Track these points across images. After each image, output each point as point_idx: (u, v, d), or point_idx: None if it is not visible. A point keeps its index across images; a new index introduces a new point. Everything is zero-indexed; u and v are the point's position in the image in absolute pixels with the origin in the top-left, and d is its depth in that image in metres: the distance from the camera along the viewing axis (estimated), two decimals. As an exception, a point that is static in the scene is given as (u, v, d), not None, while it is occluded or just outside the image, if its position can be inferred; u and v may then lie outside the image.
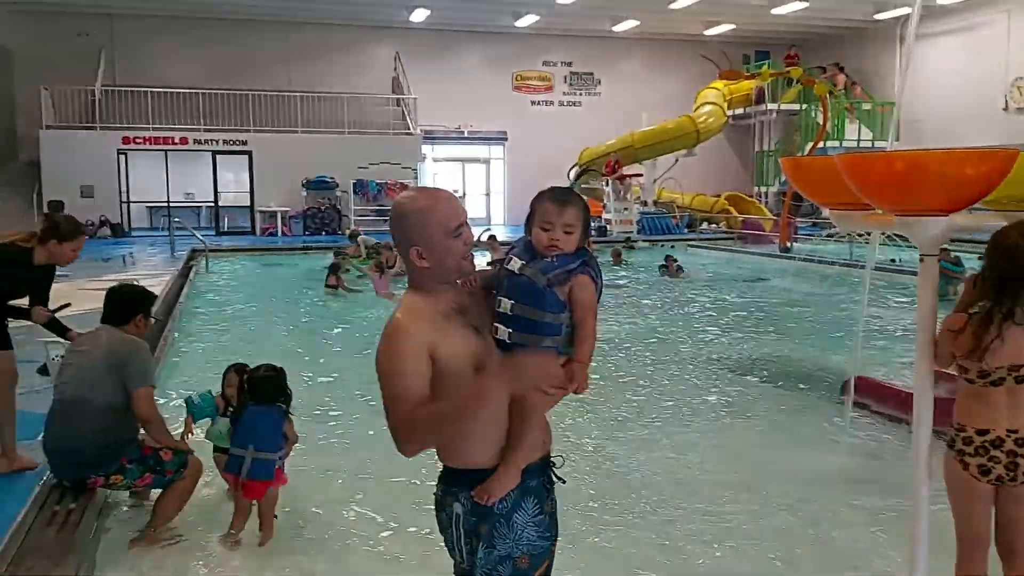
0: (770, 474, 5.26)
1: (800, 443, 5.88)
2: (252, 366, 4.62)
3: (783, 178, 25.53)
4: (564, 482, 2.42)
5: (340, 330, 10.45)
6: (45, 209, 22.21)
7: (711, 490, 4.99)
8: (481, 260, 2.45)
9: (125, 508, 4.61)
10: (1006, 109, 23.19)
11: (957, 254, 11.18)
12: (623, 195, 23.48)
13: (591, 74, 29.93)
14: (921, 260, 3.06)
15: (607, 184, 23.24)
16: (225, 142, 24.15)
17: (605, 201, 23.21)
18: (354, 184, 24.36)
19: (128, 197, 24.15)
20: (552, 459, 2.41)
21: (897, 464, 5.16)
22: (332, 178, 24.29)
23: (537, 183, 2.35)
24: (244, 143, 24.18)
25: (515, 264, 2.26)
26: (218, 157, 24.46)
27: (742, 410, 6.80)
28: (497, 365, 2.15)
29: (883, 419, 6.23)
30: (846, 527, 4.47)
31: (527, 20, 26.16)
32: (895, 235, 5.68)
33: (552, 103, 29.65)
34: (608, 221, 22.78)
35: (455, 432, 2.18)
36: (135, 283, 4.83)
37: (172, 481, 4.26)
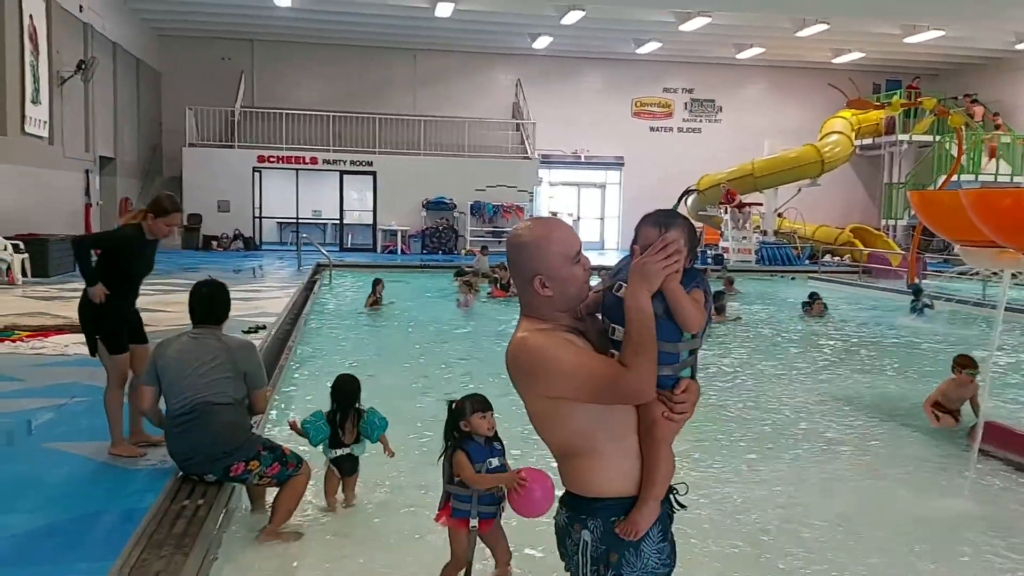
0: (880, 516, 5.07)
1: (917, 487, 5.63)
2: (365, 378, 4.86)
3: (912, 211, 24.48)
4: (685, 508, 2.43)
5: (459, 337, 10.67)
6: (185, 222, 23.66)
7: (812, 526, 4.85)
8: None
9: (244, 509, 4.86)
10: None
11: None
12: (742, 224, 23.05)
13: (712, 100, 29.58)
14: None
15: (725, 212, 22.87)
16: (352, 163, 25.07)
17: (723, 229, 22.83)
18: (471, 205, 24.84)
19: (260, 212, 25.37)
20: (675, 487, 2.40)
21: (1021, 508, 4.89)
22: (451, 199, 24.85)
23: (653, 206, 2.37)
24: (370, 164, 25.04)
25: (624, 291, 2.25)
26: (345, 177, 25.42)
27: (855, 450, 6.56)
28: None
29: (1012, 467, 5.90)
30: (954, 569, 4.27)
31: (649, 47, 26.14)
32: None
33: (671, 129, 29.45)
34: (726, 249, 22.40)
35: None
36: (209, 278, 4.97)
37: (291, 476, 4.52)
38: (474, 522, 3.75)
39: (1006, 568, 4.33)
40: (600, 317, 2.34)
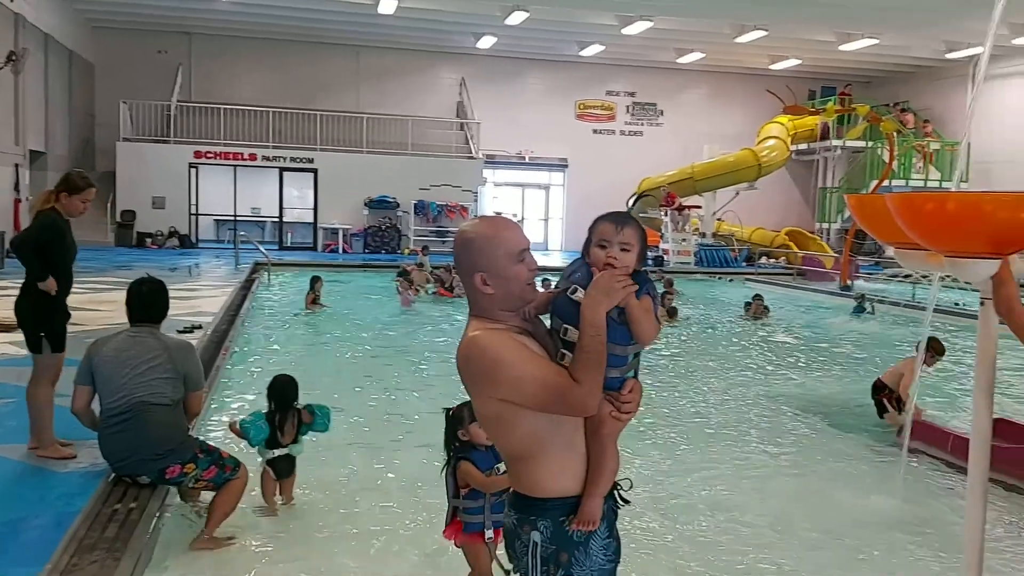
0: (815, 512, 5.20)
1: (850, 484, 5.79)
2: (302, 378, 4.80)
3: (846, 215, 25.15)
4: (629, 503, 2.46)
5: (394, 342, 10.61)
6: (119, 218, 23.06)
7: (751, 523, 4.95)
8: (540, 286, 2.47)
9: (178, 509, 4.75)
10: (1083, 153, 22.53)
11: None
12: (681, 226, 23.39)
13: (654, 104, 29.94)
14: (981, 303, 3.03)
15: (665, 214, 23.19)
16: (292, 159, 24.72)
17: (663, 231, 23.15)
18: (415, 205, 24.72)
19: (197, 210, 24.85)
20: (619, 483, 2.44)
21: (949, 510, 5.06)
22: (394, 198, 24.68)
23: (596, 210, 2.38)
24: (311, 161, 24.73)
25: (580, 295, 2.26)
26: (284, 174, 25.06)
27: (793, 448, 6.72)
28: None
29: (940, 464, 6.10)
30: (884, 569, 4.38)
31: (592, 50, 26.35)
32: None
33: (614, 132, 29.72)
34: (665, 251, 22.70)
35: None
36: (148, 275, 4.86)
37: (228, 479, 4.44)
38: (489, 533, 3.59)
39: (936, 566, 4.46)
40: (550, 317, 2.35)
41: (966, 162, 22.67)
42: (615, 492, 2.41)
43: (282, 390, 4.96)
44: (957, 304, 13.49)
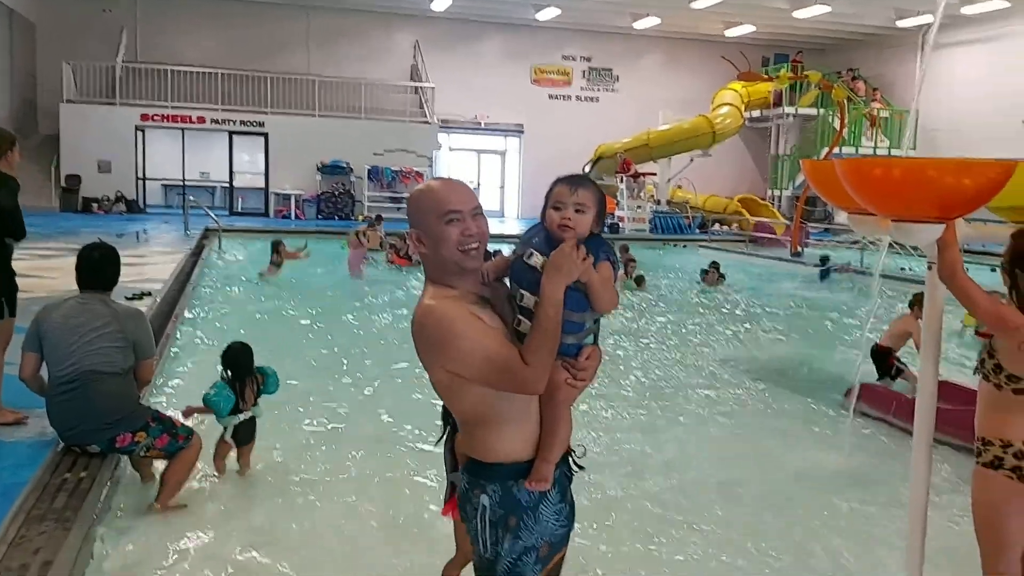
0: (763, 473, 5.32)
1: (799, 446, 5.92)
2: (254, 344, 4.79)
3: (797, 182, 25.48)
4: (583, 469, 2.46)
5: (345, 309, 10.54)
6: (63, 183, 22.43)
7: (703, 483, 5.05)
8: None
9: (130, 479, 4.70)
10: (1025, 123, 23.04)
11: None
12: (636, 193, 23.49)
13: (610, 70, 29.88)
14: (928, 268, 3.09)
15: (621, 181, 23.25)
16: (242, 123, 24.23)
17: (618, 198, 23.23)
18: (369, 170, 24.44)
19: (144, 174, 24.27)
20: (572, 449, 2.43)
21: (894, 470, 5.20)
22: (347, 163, 24.37)
23: (552, 176, 2.35)
24: (261, 125, 24.26)
25: (537, 260, 2.22)
26: (234, 138, 24.57)
27: (745, 410, 6.85)
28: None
29: (886, 426, 6.27)
30: (830, 528, 4.51)
31: (548, 13, 26.14)
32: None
33: (570, 97, 29.62)
34: (621, 218, 22.80)
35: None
36: (99, 241, 4.73)
37: (181, 448, 4.40)
38: None
39: (881, 526, 4.59)
40: (508, 282, 2.32)
41: (914, 130, 23.07)
42: (569, 458, 2.40)
43: (236, 357, 4.95)
44: (903, 269, 13.78)
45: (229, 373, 4.91)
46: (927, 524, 3.24)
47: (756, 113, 27.52)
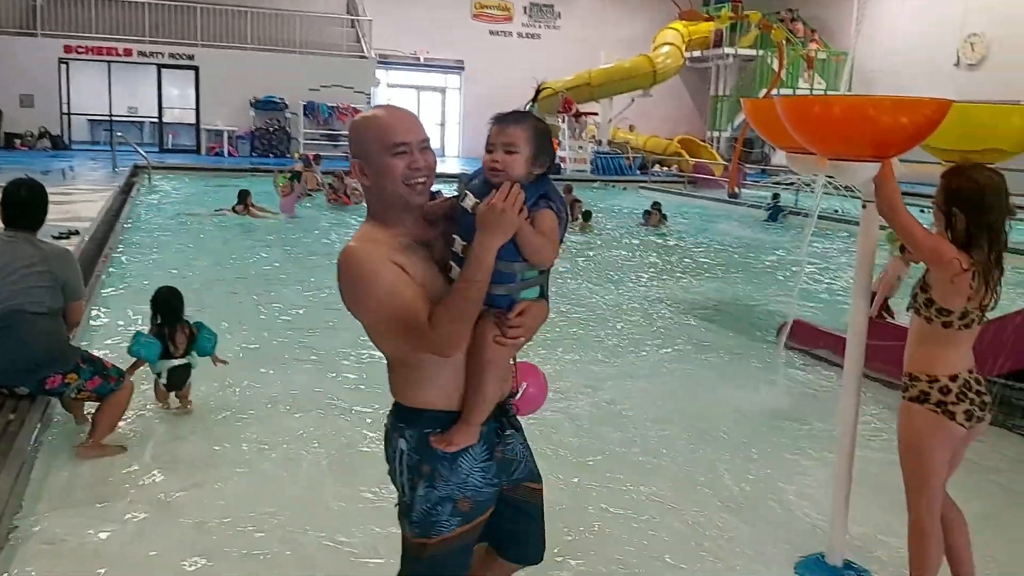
0: (701, 408, 5.44)
1: (734, 381, 6.06)
2: (186, 284, 4.65)
3: (735, 123, 25.68)
4: (517, 430, 2.36)
5: (272, 250, 10.36)
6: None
7: (643, 421, 5.14)
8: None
9: (61, 420, 4.60)
10: (958, 64, 23.53)
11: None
12: (578, 133, 23.41)
13: (551, 6, 29.47)
14: (863, 206, 3.15)
15: (563, 121, 23.12)
16: (171, 55, 23.34)
17: (560, 139, 23.13)
18: (304, 106, 23.84)
19: (69, 109, 23.33)
20: (508, 405, 2.31)
21: (824, 404, 5.37)
22: (282, 99, 23.73)
23: (493, 113, 2.26)
24: (191, 58, 23.40)
25: (468, 202, 2.07)
26: (164, 71, 23.68)
27: (683, 349, 6.96)
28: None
29: (818, 361, 6.45)
30: (761, 463, 4.64)
31: (489, -54, 25.55)
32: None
33: (511, 34, 29.18)
34: (563, 159, 22.73)
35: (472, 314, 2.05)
36: (26, 177, 4.53)
37: (113, 390, 4.32)
38: None
39: (811, 457, 4.75)
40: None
41: (850, 71, 23.37)
42: (503, 418, 2.29)
43: (166, 302, 4.88)
44: (837, 211, 14.07)
45: (159, 318, 4.84)
46: (855, 458, 3.36)
47: (696, 53, 27.50)
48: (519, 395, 3.03)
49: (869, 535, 3.70)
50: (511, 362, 2.33)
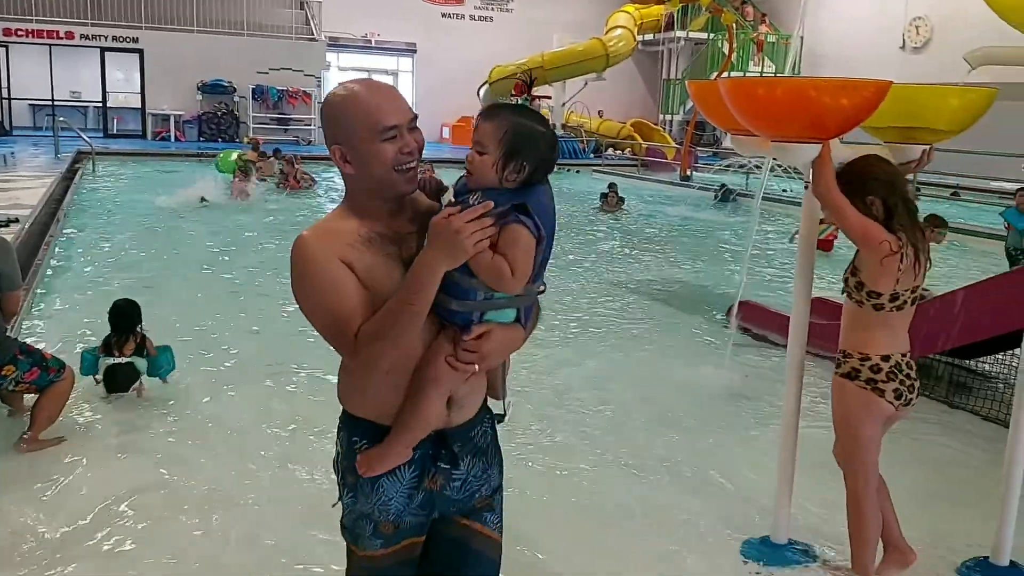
0: (653, 389, 5.49)
1: (686, 362, 6.12)
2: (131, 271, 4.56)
3: (687, 107, 25.85)
4: (457, 468, 2.04)
5: (219, 237, 10.20)
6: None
7: (595, 403, 5.17)
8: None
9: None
10: (903, 48, 23.93)
11: None
12: (531, 116, 23.33)
13: (504, -11, 29.31)
14: (805, 187, 3.18)
15: (516, 104, 23.03)
16: (115, 38, 22.76)
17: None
18: (253, 90, 23.44)
19: (9, 94, 22.67)
20: (450, 433, 2.01)
21: (770, 381, 5.44)
22: (230, 82, 23.29)
23: (446, 98, 2.21)
24: (135, 40, 22.85)
25: (445, 199, 1.92)
26: (107, 54, 23.09)
27: (637, 331, 7.01)
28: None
29: (767, 342, 6.53)
30: (709, 442, 4.70)
31: (439, -72, 25.30)
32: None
33: (463, 16, 28.96)
34: (516, 142, 22.66)
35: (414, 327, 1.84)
36: None
37: (52, 382, 4.22)
38: None
39: (756, 436, 4.82)
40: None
41: (799, 54, 23.64)
42: (445, 449, 2.01)
43: (118, 311, 4.91)
44: (784, 191, 14.25)
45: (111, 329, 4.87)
46: (802, 437, 3.41)
47: (648, 37, 27.58)
48: None
49: (816, 513, 3.75)
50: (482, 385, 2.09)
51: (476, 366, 1.91)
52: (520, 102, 2.01)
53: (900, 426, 3.36)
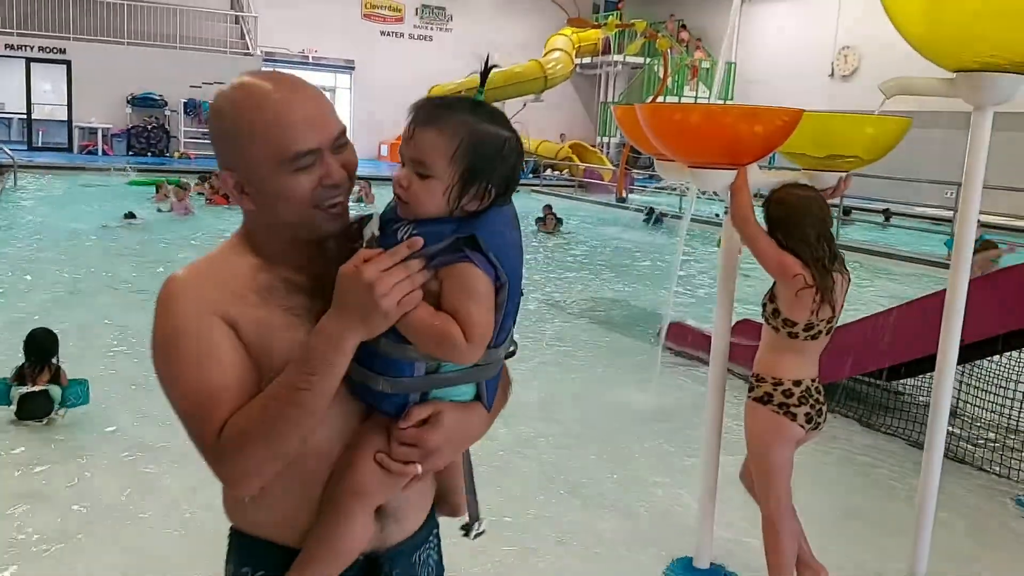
0: (581, 409, 5.48)
1: (615, 382, 6.13)
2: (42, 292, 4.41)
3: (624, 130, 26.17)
4: None
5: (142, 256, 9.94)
6: None
7: (523, 423, 5.12)
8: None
9: None
10: (832, 76, 24.64)
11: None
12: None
13: (443, 8, 29.37)
14: (725, 212, 3.20)
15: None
16: (41, 49, 22.11)
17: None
18: (185, 103, 23.00)
19: (-74, 102, 21.85)
20: (388, 554, 1.46)
21: (695, 401, 5.47)
22: (161, 96, 22.82)
23: (384, 115, 1.99)
24: (63, 51, 22.23)
25: (367, 231, 1.34)
26: (33, 65, 22.41)
27: (567, 350, 7.00)
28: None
29: (696, 362, 6.58)
30: (635, 460, 4.70)
31: (379, -54, 25.27)
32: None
33: (402, 35, 28.93)
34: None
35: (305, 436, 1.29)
36: None
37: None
38: None
39: (685, 453, 4.82)
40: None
41: (724, 80, 24.17)
42: (377, 567, 1.46)
43: (32, 340, 4.82)
44: (717, 215, 14.49)
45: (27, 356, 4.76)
46: (727, 459, 3.41)
47: (586, 60, 27.91)
48: None
49: (737, 537, 3.76)
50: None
51: (419, 466, 1.35)
52: (479, 95, 1.38)
53: (816, 447, 3.40)
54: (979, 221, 3.64)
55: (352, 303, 1.24)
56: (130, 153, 22.34)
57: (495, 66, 1.44)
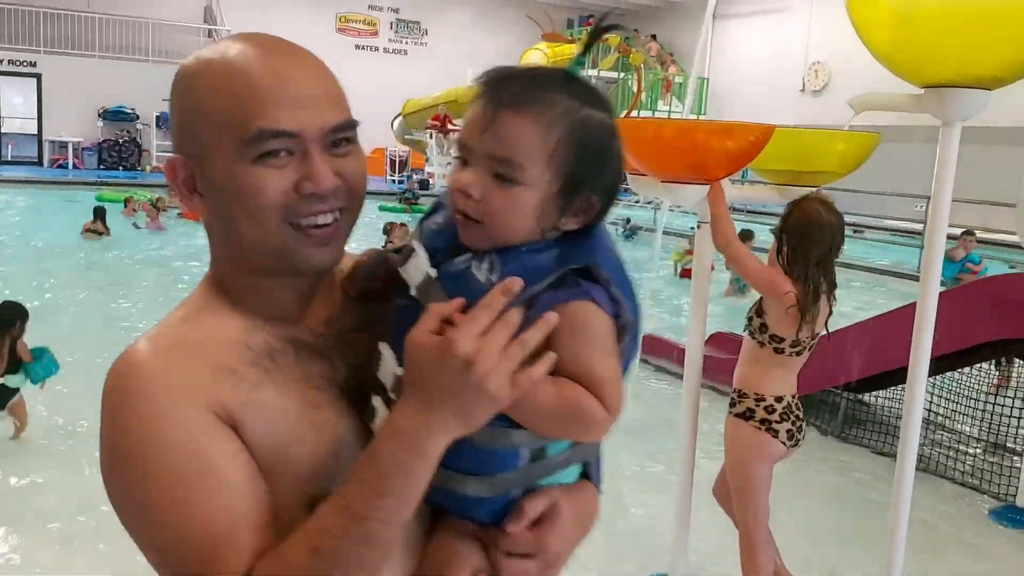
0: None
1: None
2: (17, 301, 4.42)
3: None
4: None
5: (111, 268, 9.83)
6: None
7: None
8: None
9: None
10: (803, 91, 24.92)
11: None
12: (447, 149, 23.36)
13: (418, 23, 29.43)
14: (698, 227, 3.21)
15: (431, 137, 23.05)
16: (11, 62, 21.88)
17: (428, 154, 23.04)
18: (157, 117, 22.79)
19: None
20: None
21: (670, 413, 5.47)
22: (133, 109, 22.63)
23: (360, 129, 1.90)
24: (33, 64, 22.00)
25: (415, 271, 0.95)
26: (2, 78, 22.16)
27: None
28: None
29: (670, 375, 6.59)
30: (616, 474, 4.67)
31: (353, -40, 25.29)
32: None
33: (377, 49, 28.94)
34: (431, 175, 22.66)
35: None
36: None
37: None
38: None
39: (660, 468, 4.82)
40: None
41: (696, 95, 24.40)
42: None
43: None
44: (693, 228, 14.55)
45: None
46: (704, 474, 3.41)
47: (561, 74, 27.98)
48: None
49: (713, 553, 3.76)
50: None
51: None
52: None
53: (794, 462, 3.40)
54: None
55: (438, 387, 0.83)
56: (101, 167, 22.12)
57: (615, 26, 1.08)
